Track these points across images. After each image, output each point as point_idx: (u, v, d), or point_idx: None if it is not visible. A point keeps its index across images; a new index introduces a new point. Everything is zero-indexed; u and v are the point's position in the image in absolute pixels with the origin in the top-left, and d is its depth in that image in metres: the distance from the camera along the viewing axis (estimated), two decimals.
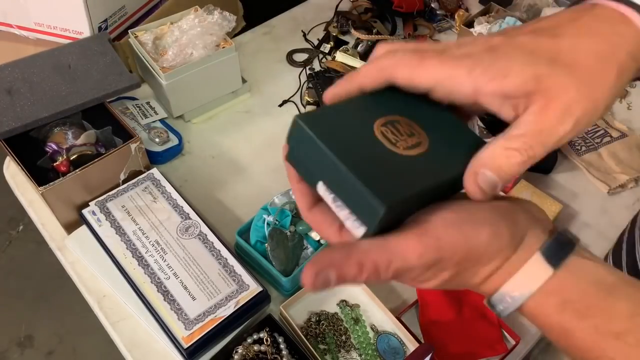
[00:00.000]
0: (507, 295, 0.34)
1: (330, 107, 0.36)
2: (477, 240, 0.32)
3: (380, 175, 0.32)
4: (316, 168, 0.33)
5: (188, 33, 0.90)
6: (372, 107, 0.36)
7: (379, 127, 0.35)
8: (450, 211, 0.32)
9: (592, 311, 0.32)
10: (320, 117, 0.34)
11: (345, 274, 0.31)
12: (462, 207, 0.33)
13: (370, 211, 0.30)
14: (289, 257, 0.74)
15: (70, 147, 0.77)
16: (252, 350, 0.68)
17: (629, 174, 0.92)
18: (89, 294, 0.76)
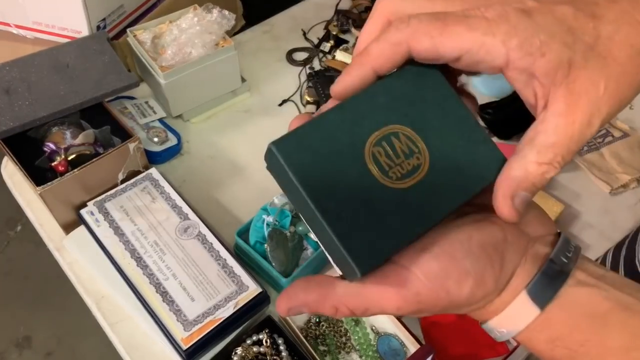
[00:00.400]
0: (495, 329, 0.33)
1: (314, 123, 0.30)
2: (458, 293, 0.30)
3: (362, 228, 0.28)
4: (297, 203, 0.30)
5: (187, 32, 0.89)
6: (366, 115, 0.31)
7: (370, 149, 0.30)
8: (433, 259, 0.30)
9: (585, 348, 0.30)
10: (301, 143, 0.29)
11: (319, 312, 0.32)
12: (444, 253, 0.30)
13: (349, 271, 0.29)
14: (288, 258, 0.73)
15: (69, 147, 0.77)
16: (252, 351, 0.68)
17: (631, 174, 0.92)
18: (88, 294, 0.75)
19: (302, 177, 0.28)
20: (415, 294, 0.30)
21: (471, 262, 0.30)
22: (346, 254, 0.28)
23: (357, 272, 0.29)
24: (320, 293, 0.31)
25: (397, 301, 0.30)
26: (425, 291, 0.30)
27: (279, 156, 0.29)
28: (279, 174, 0.30)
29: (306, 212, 0.29)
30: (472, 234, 0.31)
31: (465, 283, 0.30)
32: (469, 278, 0.30)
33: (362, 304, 0.30)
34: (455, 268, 0.30)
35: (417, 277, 0.30)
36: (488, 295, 0.31)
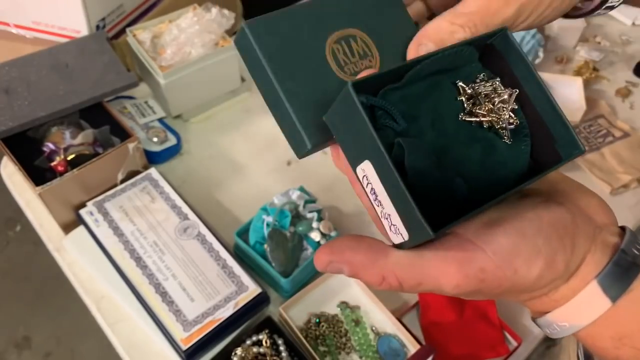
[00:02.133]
0: (554, 323, 0.30)
1: (285, 12, 0.33)
2: (527, 275, 0.27)
3: (314, 108, 0.30)
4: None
5: (186, 31, 0.89)
6: (331, 15, 0.34)
7: (330, 45, 0.33)
8: (501, 234, 0.27)
9: None
10: (271, 27, 0.32)
11: (362, 277, 0.28)
12: (514, 228, 0.28)
13: (417, 232, 0.26)
14: (288, 258, 0.73)
15: (68, 147, 0.77)
16: (251, 352, 0.67)
17: (631, 174, 0.91)
18: (87, 295, 0.75)
19: (269, 57, 0.31)
20: (479, 270, 0.27)
21: (543, 241, 0.28)
22: (300, 128, 0.30)
23: (307, 142, 0.29)
24: (370, 257, 0.28)
25: (457, 278, 0.27)
26: (492, 269, 0.27)
27: (250, 36, 0.31)
28: (248, 53, 0.32)
29: (269, 92, 0.31)
30: (541, 213, 0.29)
31: (535, 263, 0.27)
32: (540, 258, 0.27)
33: (416, 276, 0.27)
34: (526, 246, 0.27)
35: (483, 252, 0.27)
36: (556, 280, 0.28)
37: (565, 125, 0.31)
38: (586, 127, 0.99)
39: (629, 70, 1.13)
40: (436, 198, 0.27)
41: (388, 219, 0.28)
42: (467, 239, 0.28)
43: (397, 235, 0.28)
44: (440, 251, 0.27)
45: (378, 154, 0.27)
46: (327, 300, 0.75)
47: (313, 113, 0.30)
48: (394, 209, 0.27)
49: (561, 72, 1.10)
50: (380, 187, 0.27)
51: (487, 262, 0.27)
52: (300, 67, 0.31)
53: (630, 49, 1.18)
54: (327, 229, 0.76)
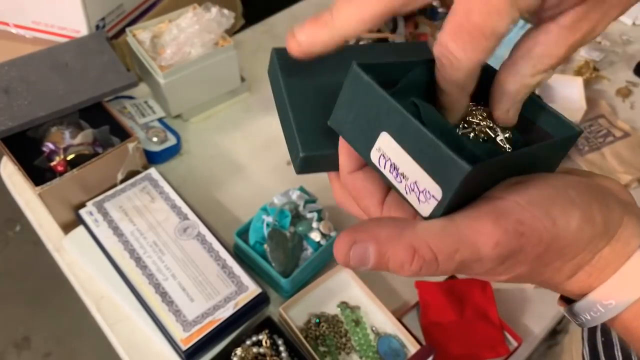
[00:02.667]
0: (598, 303, 0.27)
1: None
2: (566, 226, 0.25)
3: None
4: (376, 124, 0.28)
5: (186, 31, 0.89)
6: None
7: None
8: (532, 187, 0.26)
9: None
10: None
11: (390, 257, 0.25)
12: (544, 182, 0.27)
13: (451, 177, 0.24)
14: (288, 258, 0.73)
15: (68, 147, 0.77)
16: (251, 352, 0.67)
17: (632, 174, 0.91)
18: (87, 295, 0.75)
19: (287, 77, 0.34)
20: (517, 222, 0.24)
21: (575, 194, 0.26)
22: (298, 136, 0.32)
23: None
24: (396, 228, 0.25)
25: (496, 234, 0.24)
26: (529, 219, 0.24)
27: (274, 57, 0.35)
28: (271, 73, 0.35)
29: (281, 109, 0.34)
30: (566, 177, 0.28)
31: (572, 213, 0.25)
32: (576, 208, 0.25)
33: (451, 242, 0.24)
34: (559, 197, 0.26)
35: (517, 203, 0.25)
36: (597, 239, 0.26)
37: (555, 115, 0.30)
38: (586, 127, 0.99)
39: (629, 70, 1.12)
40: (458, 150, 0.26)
41: (415, 189, 0.26)
42: (498, 196, 0.26)
43: (429, 200, 0.26)
44: (472, 211, 0.25)
45: (394, 115, 0.26)
46: (327, 300, 0.74)
47: (313, 129, 0.32)
48: (421, 168, 0.26)
49: (561, 72, 1.10)
50: (401, 154, 0.26)
51: (523, 212, 0.25)
52: (315, 92, 0.33)
53: (630, 49, 1.18)
54: (327, 229, 0.76)
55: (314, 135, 0.32)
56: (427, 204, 0.26)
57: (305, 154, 0.32)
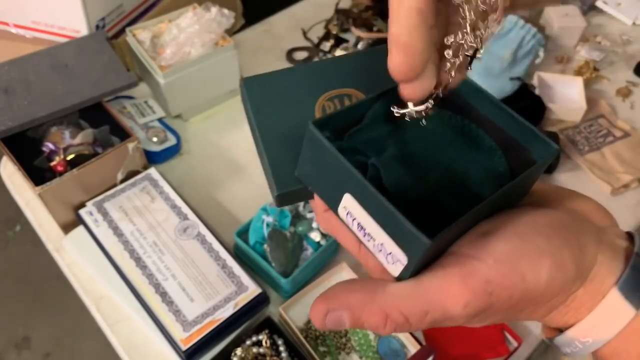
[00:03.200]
0: (576, 339, 0.27)
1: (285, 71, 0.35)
2: (536, 279, 0.25)
3: (290, 162, 0.31)
4: (339, 185, 0.28)
5: (186, 31, 0.89)
6: (328, 76, 0.35)
7: (322, 102, 0.34)
8: (499, 240, 0.25)
9: None
10: (266, 84, 0.34)
11: (365, 321, 0.25)
12: (511, 232, 0.26)
13: (413, 247, 0.25)
14: (288, 258, 0.73)
15: (67, 147, 0.77)
16: (251, 352, 0.67)
17: (632, 174, 0.91)
18: (87, 295, 0.75)
19: (256, 111, 0.34)
20: (485, 282, 0.24)
21: (544, 241, 0.25)
22: (272, 174, 0.32)
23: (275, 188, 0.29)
24: (367, 293, 0.25)
25: (464, 295, 0.24)
26: (497, 277, 0.24)
27: (244, 91, 0.34)
28: (244, 104, 0.35)
29: (255, 142, 0.34)
30: (536, 217, 0.27)
31: (542, 264, 0.25)
32: (545, 258, 0.25)
33: (420, 306, 0.25)
34: (527, 248, 0.25)
35: (484, 262, 0.25)
36: (570, 284, 0.26)
37: (533, 131, 0.30)
38: (586, 127, 0.99)
39: (629, 70, 1.12)
40: (424, 211, 0.26)
41: (382, 249, 0.26)
42: (465, 253, 0.26)
43: (396, 263, 0.26)
44: (439, 271, 0.25)
45: (354, 181, 0.26)
46: None
47: (287, 164, 0.32)
48: (385, 233, 0.26)
49: (562, 72, 1.10)
50: (365, 217, 0.27)
51: (490, 272, 0.24)
52: (285, 121, 0.33)
53: (630, 49, 1.18)
54: None
55: (288, 171, 0.32)
56: (395, 266, 0.26)
57: (279, 192, 0.32)
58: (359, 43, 1.09)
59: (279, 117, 0.34)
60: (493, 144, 0.31)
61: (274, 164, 0.33)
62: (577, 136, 0.97)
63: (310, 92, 0.35)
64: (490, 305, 0.25)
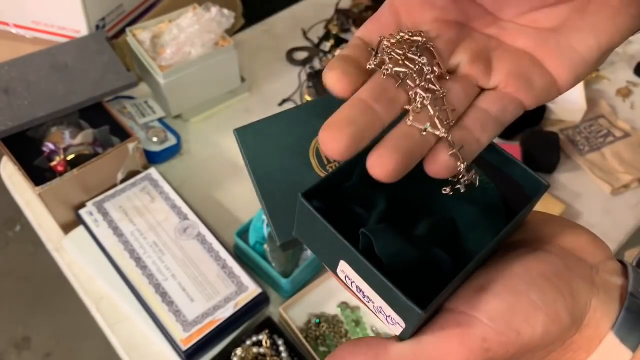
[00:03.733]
0: None
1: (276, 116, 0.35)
2: (531, 333, 0.26)
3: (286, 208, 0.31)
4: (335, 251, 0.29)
5: (186, 31, 0.89)
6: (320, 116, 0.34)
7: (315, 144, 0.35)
8: (493, 297, 0.27)
9: None
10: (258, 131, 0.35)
11: None
12: (504, 287, 0.27)
13: (409, 315, 0.26)
14: (288, 258, 0.73)
15: (67, 147, 0.77)
16: (251, 352, 0.67)
17: (632, 174, 0.91)
18: (87, 295, 0.75)
19: (251, 160, 0.34)
20: (481, 340, 0.26)
21: (537, 295, 0.27)
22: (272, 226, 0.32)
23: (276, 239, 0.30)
24: (370, 357, 0.27)
25: (462, 354, 0.26)
26: (493, 336, 0.26)
27: (238, 140, 0.35)
28: (240, 152, 0.35)
29: (254, 188, 0.34)
30: (529, 265, 0.28)
31: (536, 319, 0.26)
32: (539, 312, 0.26)
33: None
34: (521, 304, 0.26)
35: (479, 320, 0.26)
36: (565, 332, 0.27)
37: (522, 168, 0.30)
38: (587, 127, 0.99)
39: (629, 70, 1.12)
40: (421, 274, 0.27)
41: (381, 311, 0.27)
42: (461, 311, 0.27)
43: (395, 325, 0.27)
44: (437, 332, 0.26)
45: (347, 251, 0.27)
46: (327, 300, 0.74)
47: (287, 213, 0.32)
48: (382, 299, 0.27)
49: None
50: (362, 282, 0.27)
51: (486, 330, 0.26)
52: (281, 169, 0.34)
53: (630, 49, 1.18)
54: None
55: (288, 220, 0.32)
56: (395, 327, 0.27)
57: (282, 241, 0.33)
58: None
59: (275, 165, 0.34)
60: (485, 178, 0.31)
61: (273, 214, 0.33)
62: (577, 136, 0.97)
63: (302, 135, 0.35)
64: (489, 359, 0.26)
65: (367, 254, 0.26)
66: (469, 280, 0.28)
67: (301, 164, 0.34)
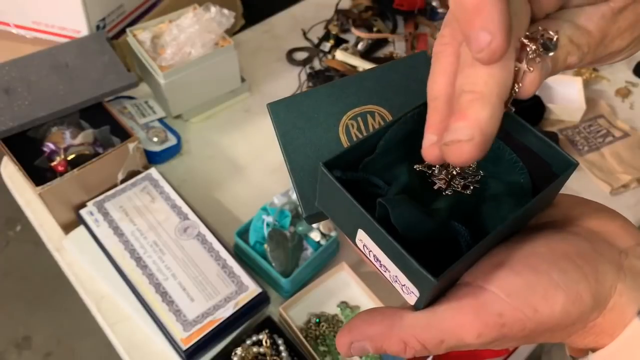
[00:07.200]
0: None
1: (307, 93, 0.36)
2: (550, 312, 0.25)
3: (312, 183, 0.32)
4: (354, 221, 0.29)
5: (186, 31, 0.89)
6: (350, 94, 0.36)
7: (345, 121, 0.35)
8: (512, 273, 0.26)
9: None
10: (290, 106, 0.35)
11: (386, 349, 0.27)
12: (524, 265, 0.26)
13: (423, 284, 0.26)
14: (288, 258, 0.73)
15: (68, 147, 0.77)
16: (251, 352, 0.67)
17: (631, 174, 0.91)
18: (87, 295, 0.75)
19: (282, 134, 0.35)
20: (497, 315, 0.25)
21: (559, 275, 0.26)
22: (299, 199, 0.33)
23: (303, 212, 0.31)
24: (386, 325, 0.27)
25: (477, 327, 0.25)
26: (509, 311, 0.25)
27: (271, 114, 0.36)
28: (274, 127, 0.36)
29: (285, 162, 0.35)
30: (553, 245, 0.27)
31: (555, 298, 0.25)
32: (559, 292, 0.25)
33: (436, 335, 0.26)
34: (540, 281, 0.26)
35: (496, 295, 0.26)
36: (586, 314, 0.26)
37: (552, 146, 0.30)
38: (586, 127, 0.99)
39: (628, 70, 1.12)
40: (438, 245, 0.27)
41: (397, 280, 0.28)
42: (478, 285, 0.26)
43: (410, 294, 0.27)
44: (453, 303, 0.26)
45: (364, 219, 0.27)
46: (327, 300, 0.75)
47: (314, 187, 0.32)
48: (398, 268, 0.27)
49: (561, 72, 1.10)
50: (379, 251, 0.28)
51: (503, 305, 0.25)
52: (311, 144, 0.35)
53: None
54: (327, 229, 0.76)
55: (314, 194, 0.33)
56: (410, 296, 0.27)
57: (307, 214, 0.34)
58: (359, 43, 1.09)
59: (305, 140, 0.35)
60: (514, 156, 0.31)
61: (301, 187, 0.34)
62: (576, 136, 0.97)
63: (333, 112, 0.36)
64: (504, 336, 0.26)
65: (384, 223, 0.26)
66: (489, 255, 0.28)
67: (331, 140, 0.35)
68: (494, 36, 0.22)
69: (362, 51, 1.08)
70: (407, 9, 1.15)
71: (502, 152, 0.31)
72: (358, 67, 1.02)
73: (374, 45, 1.10)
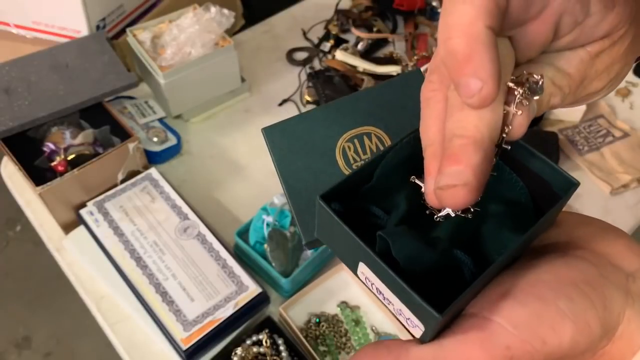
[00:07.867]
0: None
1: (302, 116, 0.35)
2: (558, 343, 0.25)
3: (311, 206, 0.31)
4: (354, 253, 0.28)
5: (186, 31, 0.89)
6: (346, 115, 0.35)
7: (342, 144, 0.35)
8: (518, 304, 0.25)
9: None
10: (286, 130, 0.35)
11: None
12: (530, 294, 0.26)
13: (427, 318, 0.25)
14: (288, 258, 0.73)
15: (68, 147, 0.77)
16: (252, 352, 0.68)
17: (631, 174, 0.91)
18: (87, 295, 0.75)
19: (279, 159, 0.35)
20: (505, 348, 0.24)
21: (566, 303, 0.25)
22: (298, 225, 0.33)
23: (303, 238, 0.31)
24: (391, 359, 0.27)
25: (483, 359, 0.25)
26: (517, 343, 0.24)
27: (266, 140, 0.36)
28: (269, 153, 0.36)
29: (282, 188, 0.35)
30: (558, 271, 0.27)
31: (563, 328, 0.25)
32: (567, 322, 0.25)
33: None
34: (547, 311, 0.25)
35: (503, 327, 0.25)
36: (595, 343, 0.26)
37: (551, 165, 0.30)
38: (586, 127, 0.99)
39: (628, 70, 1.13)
40: (441, 277, 0.27)
41: (401, 314, 0.27)
42: (484, 316, 0.26)
43: (415, 328, 0.27)
44: (459, 335, 0.26)
45: (365, 254, 0.26)
46: (327, 300, 0.75)
47: (313, 212, 0.31)
48: (401, 302, 0.26)
49: None
50: (381, 284, 0.27)
51: (510, 337, 0.25)
52: (308, 168, 0.34)
53: None
54: None
55: (314, 219, 0.31)
56: (415, 330, 0.27)
57: (307, 240, 0.34)
58: (359, 43, 1.09)
59: (302, 164, 0.35)
60: (513, 176, 0.31)
61: (300, 213, 0.34)
62: (576, 136, 0.97)
63: (329, 134, 0.36)
64: None
65: (385, 257, 0.26)
66: (493, 284, 0.27)
67: (328, 164, 0.35)
68: (485, 82, 0.22)
69: (362, 51, 1.08)
70: (407, 9, 1.15)
71: (502, 172, 0.31)
72: (358, 67, 1.02)
73: (374, 45, 1.10)
